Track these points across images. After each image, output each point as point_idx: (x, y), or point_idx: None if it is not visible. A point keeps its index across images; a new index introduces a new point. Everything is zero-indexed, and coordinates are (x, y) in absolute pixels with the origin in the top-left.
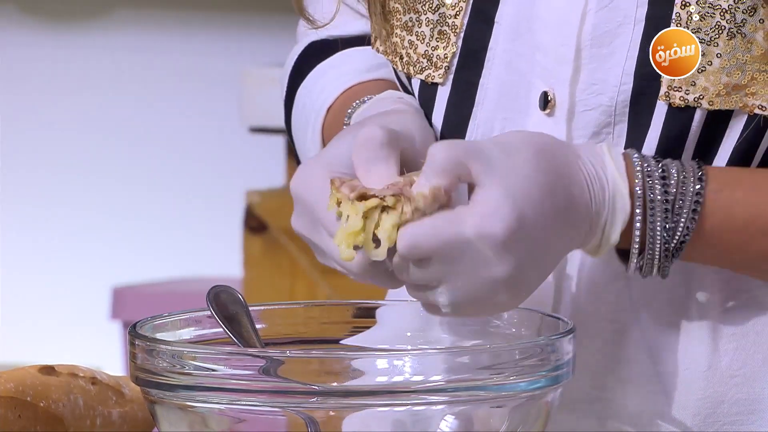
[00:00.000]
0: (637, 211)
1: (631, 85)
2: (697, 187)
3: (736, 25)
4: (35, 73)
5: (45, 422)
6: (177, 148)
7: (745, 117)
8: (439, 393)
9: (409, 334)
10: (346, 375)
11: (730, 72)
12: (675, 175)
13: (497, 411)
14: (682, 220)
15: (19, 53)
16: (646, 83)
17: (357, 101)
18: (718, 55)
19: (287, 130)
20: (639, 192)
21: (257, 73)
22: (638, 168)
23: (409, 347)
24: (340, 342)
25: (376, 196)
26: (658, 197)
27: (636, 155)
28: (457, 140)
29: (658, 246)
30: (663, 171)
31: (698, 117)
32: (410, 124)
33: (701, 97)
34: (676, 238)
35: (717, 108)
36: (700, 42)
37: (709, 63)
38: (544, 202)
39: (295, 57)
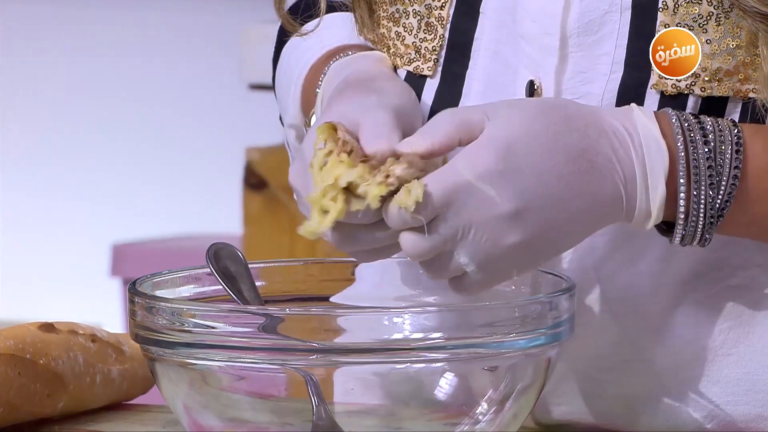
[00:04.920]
0: (681, 165)
1: (620, 74)
2: (737, 135)
3: (724, 11)
4: (34, 33)
5: (44, 379)
6: (177, 105)
7: (740, 104)
8: (438, 350)
9: (396, 293)
10: (346, 332)
11: (720, 57)
12: (711, 126)
13: (496, 368)
14: (726, 171)
15: (17, 13)
16: (636, 72)
17: (339, 55)
18: (708, 42)
19: (273, 89)
20: (680, 145)
21: (257, 30)
22: (674, 120)
23: (404, 304)
24: (330, 299)
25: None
26: (700, 150)
27: (671, 110)
28: (465, 107)
29: (704, 203)
30: (700, 122)
31: (691, 103)
32: (406, 100)
33: (693, 83)
34: (721, 192)
35: (710, 94)
36: (689, 29)
37: None
38: (546, 135)
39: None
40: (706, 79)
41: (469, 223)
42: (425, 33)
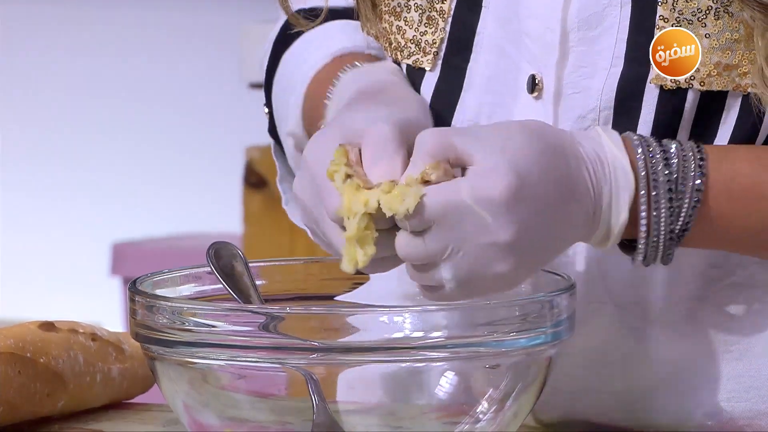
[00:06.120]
0: (642, 192)
1: (620, 68)
2: (699, 162)
3: (723, 5)
4: (34, 33)
5: (45, 378)
6: (177, 104)
7: (740, 98)
8: (438, 349)
9: (403, 290)
10: (346, 331)
11: (720, 52)
12: (675, 153)
13: (497, 367)
14: (686, 198)
15: (17, 13)
16: (636, 66)
17: (347, 65)
18: (707, 36)
19: (267, 101)
20: (642, 172)
21: (257, 30)
22: (639, 148)
23: (409, 304)
24: (335, 298)
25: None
26: (661, 177)
27: (635, 136)
28: (444, 127)
29: (663, 227)
30: (663, 150)
31: (691, 98)
32: (418, 112)
33: (692, 78)
34: (681, 217)
35: (709, 88)
36: (687, 23)
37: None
38: (542, 167)
39: (280, 26)
40: (706, 73)
41: (460, 244)
42: (426, 26)
